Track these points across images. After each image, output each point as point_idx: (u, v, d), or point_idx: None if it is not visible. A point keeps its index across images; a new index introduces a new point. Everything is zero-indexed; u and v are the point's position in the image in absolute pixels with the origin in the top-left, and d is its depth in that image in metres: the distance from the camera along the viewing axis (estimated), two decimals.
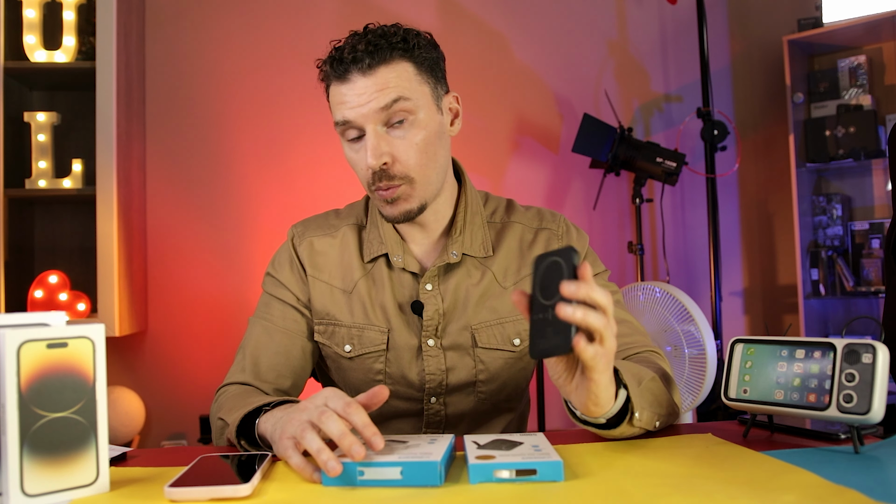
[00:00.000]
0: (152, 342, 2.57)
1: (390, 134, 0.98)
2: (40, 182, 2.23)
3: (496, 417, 1.13)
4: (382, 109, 0.96)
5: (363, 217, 1.14)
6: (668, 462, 0.76)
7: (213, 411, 1.02)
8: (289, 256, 1.13)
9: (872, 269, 2.70)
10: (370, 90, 0.96)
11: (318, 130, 2.65)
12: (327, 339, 1.10)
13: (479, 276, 1.09)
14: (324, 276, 1.10)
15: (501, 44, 2.84)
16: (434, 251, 1.09)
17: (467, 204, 1.10)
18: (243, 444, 0.88)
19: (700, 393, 1.92)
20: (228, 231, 2.62)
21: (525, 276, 1.10)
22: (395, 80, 0.96)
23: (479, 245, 1.09)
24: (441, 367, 1.06)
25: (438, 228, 1.09)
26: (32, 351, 0.66)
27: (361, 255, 1.10)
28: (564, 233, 1.13)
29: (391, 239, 1.08)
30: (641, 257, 2.62)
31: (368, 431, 0.71)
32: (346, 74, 0.97)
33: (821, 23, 2.73)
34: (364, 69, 0.96)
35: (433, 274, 1.07)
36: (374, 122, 0.97)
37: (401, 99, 0.96)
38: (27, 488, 0.65)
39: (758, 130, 3.04)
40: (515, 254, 1.11)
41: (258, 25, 2.68)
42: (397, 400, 1.09)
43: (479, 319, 1.07)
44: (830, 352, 0.80)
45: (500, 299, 1.08)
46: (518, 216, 1.14)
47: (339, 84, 0.98)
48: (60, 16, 2.27)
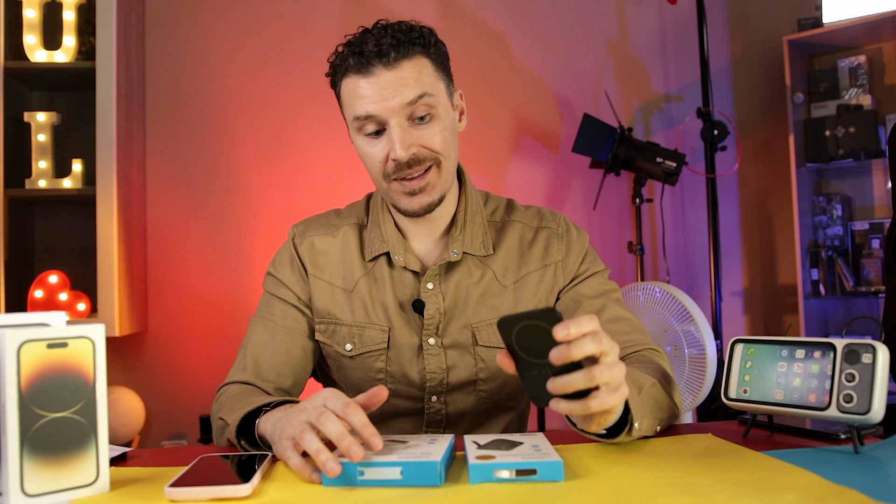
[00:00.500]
0: (152, 342, 2.57)
1: (413, 128, 0.98)
2: (40, 182, 2.23)
3: (497, 416, 1.13)
4: (409, 104, 0.96)
5: (364, 216, 1.14)
6: (668, 462, 0.76)
7: (213, 410, 1.02)
8: (289, 256, 1.13)
9: (872, 269, 2.70)
10: (395, 84, 0.95)
11: (318, 130, 2.65)
12: (328, 338, 1.10)
13: (479, 274, 1.09)
14: (325, 275, 1.10)
15: (501, 44, 2.84)
16: (435, 250, 1.10)
17: (468, 203, 1.10)
18: (243, 444, 0.88)
19: (700, 393, 1.92)
20: (228, 231, 2.62)
21: (525, 274, 1.10)
22: (417, 76, 0.96)
23: (480, 244, 1.09)
24: (442, 366, 1.06)
25: (441, 226, 1.09)
26: (32, 351, 0.66)
27: (362, 254, 1.10)
28: (564, 232, 1.13)
29: (393, 237, 1.08)
30: (641, 257, 2.62)
31: (367, 432, 0.71)
32: (369, 68, 0.96)
33: (821, 23, 2.73)
34: (388, 63, 0.95)
35: (434, 273, 1.07)
36: (399, 116, 0.96)
37: (426, 95, 0.96)
38: (27, 488, 0.65)
39: (758, 130, 3.04)
40: (515, 252, 1.11)
41: (258, 25, 2.69)
42: (398, 399, 1.09)
43: (479, 318, 1.07)
44: (830, 352, 0.80)
45: (501, 298, 1.08)
46: (518, 215, 1.15)
47: (359, 78, 0.97)
48: (60, 16, 2.27)
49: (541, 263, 1.10)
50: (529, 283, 1.09)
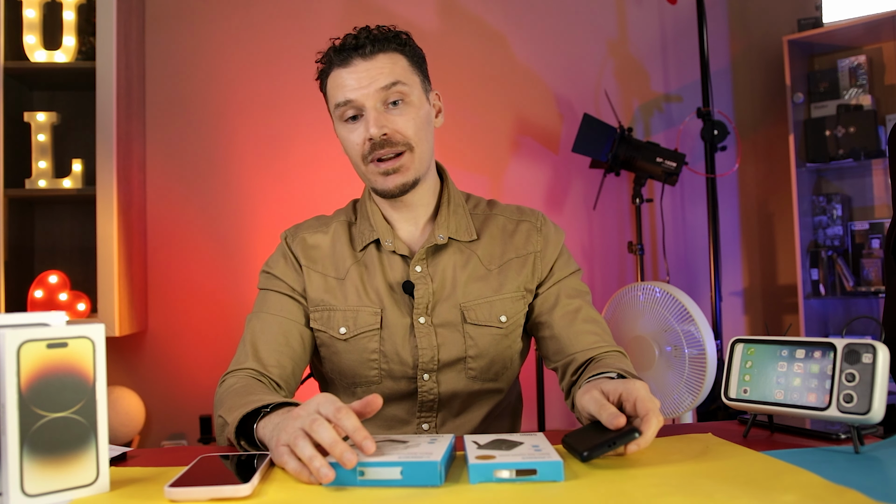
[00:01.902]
0: (152, 342, 2.57)
1: (388, 111, 1.08)
2: (40, 182, 2.23)
3: (486, 398, 1.18)
4: (382, 90, 1.06)
5: (352, 215, 1.22)
6: (668, 462, 0.76)
7: (214, 404, 1.05)
8: (283, 253, 1.19)
9: (872, 269, 2.70)
10: (371, 72, 1.06)
11: (318, 130, 2.65)
12: (323, 324, 1.14)
13: (464, 258, 1.16)
14: (317, 266, 1.16)
15: (501, 44, 2.84)
16: (421, 237, 1.17)
17: (450, 195, 1.19)
18: (243, 445, 0.88)
19: (700, 393, 1.92)
20: (228, 231, 2.62)
21: (507, 260, 1.16)
22: (391, 66, 1.07)
23: (464, 230, 1.17)
24: (433, 344, 1.11)
25: (424, 215, 1.17)
26: (32, 351, 0.66)
27: (352, 245, 1.17)
28: (542, 225, 1.21)
29: (381, 226, 1.15)
30: (641, 257, 2.62)
31: (359, 436, 0.72)
32: (349, 60, 1.07)
33: (821, 23, 2.73)
34: (365, 55, 1.07)
35: (422, 256, 1.14)
36: (374, 101, 1.06)
37: (398, 83, 1.07)
38: (27, 488, 0.65)
39: (758, 130, 3.04)
40: (498, 240, 1.18)
41: (258, 25, 2.69)
42: (391, 381, 1.13)
43: (467, 298, 1.14)
44: (830, 352, 0.80)
45: (486, 281, 1.15)
46: (499, 209, 1.23)
47: (341, 69, 1.08)
48: (60, 16, 2.27)
49: (522, 251, 1.18)
50: (512, 268, 1.17)
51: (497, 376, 1.17)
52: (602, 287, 2.86)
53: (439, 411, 1.15)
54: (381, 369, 1.12)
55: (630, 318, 2.06)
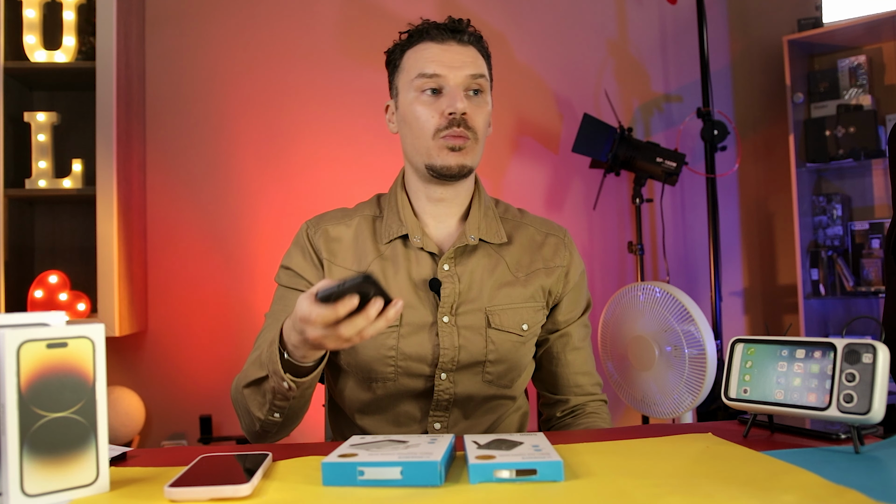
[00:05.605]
0: (152, 342, 2.57)
1: (468, 98, 1.12)
2: (40, 182, 2.23)
3: (499, 402, 1.19)
4: (471, 77, 1.12)
5: (377, 210, 1.22)
6: (668, 462, 0.76)
7: (235, 387, 1.09)
8: (301, 247, 1.19)
9: (872, 269, 2.70)
10: (464, 57, 1.12)
11: (319, 130, 2.65)
12: None
13: (493, 263, 1.17)
14: (338, 260, 1.17)
15: (501, 44, 2.84)
16: (450, 237, 1.18)
17: (481, 199, 1.21)
18: (290, 379, 0.95)
19: (700, 393, 1.92)
20: (229, 231, 2.62)
21: (535, 269, 1.19)
22: (479, 60, 1.15)
23: (494, 233, 1.19)
24: (455, 343, 1.11)
25: (457, 213, 1.18)
26: (32, 351, 0.66)
27: (375, 240, 1.17)
28: (570, 244, 1.25)
29: (411, 222, 1.16)
30: (641, 257, 2.62)
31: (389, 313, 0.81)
32: (446, 40, 1.13)
33: (821, 23, 2.73)
34: (462, 41, 1.14)
35: (451, 255, 1.14)
36: (461, 83, 1.11)
37: (482, 76, 1.14)
38: (27, 488, 0.65)
39: (758, 130, 3.04)
40: (527, 249, 1.21)
41: (258, 25, 2.68)
42: (407, 378, 1.12)
43: (493, 302, 1.14)
44: (831, 352, 0.80)
45: (513, 287, 1.16)
46: (529, 219, 1.26)
47: (433, 44, 1.13)
48: (60, 16, 2.27)
49: (550, 263, 1.21)
50: (538, 278, 1.18)
51: (511, 382, 1.17)
52: (602, 287, 2.86)
53: (452, 412, 1.15)
54: (398, 366, 1.11)
55: (630, 318, 2.06)
